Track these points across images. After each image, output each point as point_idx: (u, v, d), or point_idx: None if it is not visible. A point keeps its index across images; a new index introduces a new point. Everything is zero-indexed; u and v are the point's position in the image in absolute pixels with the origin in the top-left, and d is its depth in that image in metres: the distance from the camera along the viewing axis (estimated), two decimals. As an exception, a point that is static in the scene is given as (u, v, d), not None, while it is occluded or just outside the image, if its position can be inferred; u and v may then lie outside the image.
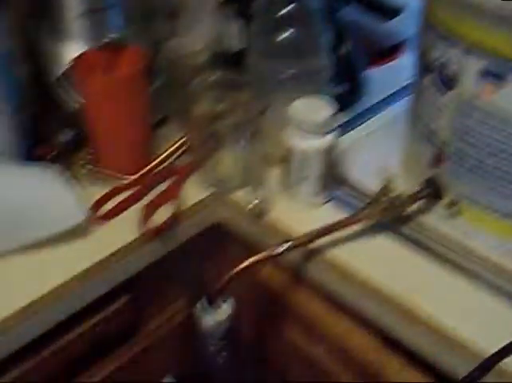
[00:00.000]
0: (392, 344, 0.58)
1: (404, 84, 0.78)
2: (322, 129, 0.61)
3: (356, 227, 0.60)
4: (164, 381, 0.67)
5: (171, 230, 0.63)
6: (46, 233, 0.57)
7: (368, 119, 0.77)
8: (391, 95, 0.81)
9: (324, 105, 0.61)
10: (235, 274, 0.57)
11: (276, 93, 0.65)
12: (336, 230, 0.59)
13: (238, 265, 0.56)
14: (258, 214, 0.63)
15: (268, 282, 0.66)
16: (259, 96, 0.65)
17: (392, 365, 0.58)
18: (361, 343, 0.60)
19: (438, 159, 0.60)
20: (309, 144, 0.61)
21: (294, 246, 0.57)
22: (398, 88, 0.81)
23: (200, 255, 0.69)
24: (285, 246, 0.57)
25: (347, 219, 0.60)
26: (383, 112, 0.78)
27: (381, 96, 0.81)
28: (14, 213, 0.57)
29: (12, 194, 0.58)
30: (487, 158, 0.54)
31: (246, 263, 0.57)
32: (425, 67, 0.59)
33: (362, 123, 0.76)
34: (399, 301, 0.54)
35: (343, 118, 0.73)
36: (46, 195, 0.59)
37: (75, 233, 0.59)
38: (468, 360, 0.49)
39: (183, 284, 0.63)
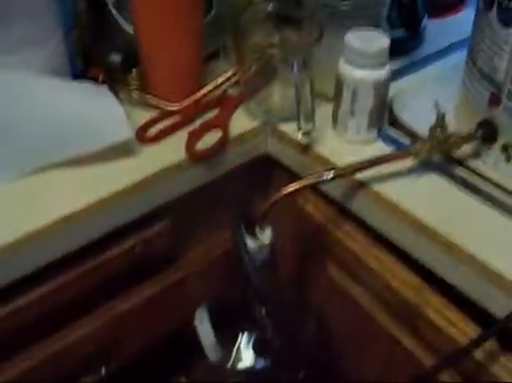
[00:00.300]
0: (434, 283, 0.56)
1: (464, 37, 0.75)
2: (376, 61, 0.59)
3: (404, 164, 0.59)
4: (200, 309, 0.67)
5: (217, 157, 0.62)
6: (94, 146, 0.58)
7: (425, 67, 0.75)
8: (449, 46, 0.79)
9: (379, 37, 0.60)
10: (279, 198, 0.56)
11: (330, 26, 0.64)
12: (384, 162, 0.58)
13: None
14: (306, 146, 0.62)
15: (311, 216, 0.65)
16: (312, 28, 0.64)
17: (433, 305, 0.56)
18: (402, 282, 0.58)
19: (494, 101, 0.58)
20: (361, 76, 0.60)
21: (339, 175, 0.57)
22: (457, 40, 0.79)
23: (246, 185, 0.69)
24: (331, 173, 0.56)
25: (395, 153, 0.59)
26: (440, 62, 0.76)
27: (440, 47, 0.79)
28: (64, 125, 0.58)
29: (62, 106, 0.58)
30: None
31: (290, 188, 0.56)
32: (489, 2, 0.56)
33: (418, 70, 0.75)
34: (444, 238, 0.52)
35: (399, 63, 0.73)
36: (96, 109, 0.59)
37: (121, 151, 0.59)
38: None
39: (227, 213, 0.62)
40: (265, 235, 0.57)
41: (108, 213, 0.57)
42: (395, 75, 0.65)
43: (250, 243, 0.57)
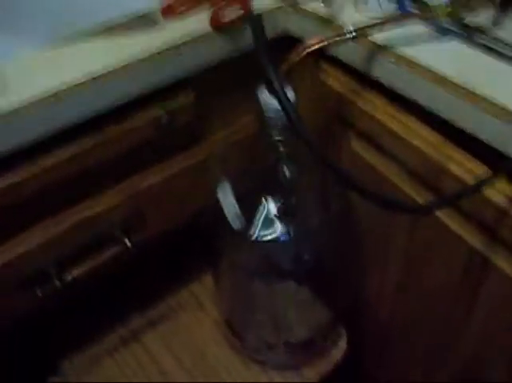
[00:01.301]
0: (455, 139, 0.57)
1: None
2: None
3: (424, 29, 0.59)
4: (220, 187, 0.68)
5: (240, 31, 0.63)
6: (119, 15, 0.59)
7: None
8: None
9: None
10: (302, 56, 0.57)
11: None
12: (404, 19, 0.58)
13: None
14: (327, 19, 0.63)
15: (332, 88, 0.66)
16: None
17: (455, 159, 0.57)
18: (424, 140, 0.59)
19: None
20: None
21: (362, 34, 0.57)
22: None
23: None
24: (352, 32, 0.57)
25: (416, 13, 0.59)
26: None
27: None
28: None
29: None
30: None
31: (312, 47, 0.57)
32: None
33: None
34: (465, 89, 0.53)
35: None
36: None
37: (146, 21, 0.60)
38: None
39: (250, 95, 0.63)
40: (288, 95, 0.58)
41: (134, 77, 0.58)
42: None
43: (273, 105, 0.58)
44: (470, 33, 0.59)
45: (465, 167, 0.56)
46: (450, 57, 0.57)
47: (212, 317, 0.84)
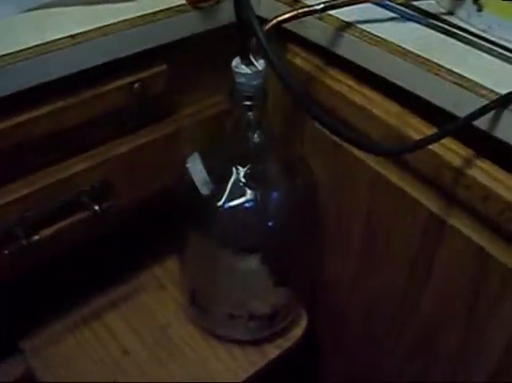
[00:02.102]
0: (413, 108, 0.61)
1: None
2: None
3: (386, 13, 0.64)
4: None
5: (215, 7, 0.66)
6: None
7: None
8: None
9: None
10: (273, 25, 0.60)
11: None
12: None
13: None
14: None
15: (300, 68, 0.70)
16: None
17: (413, 126, 0.61)
18: (386, 111, 0.63)
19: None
20: None
21: (330, 6, 0.61)
22: None
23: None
24: (321, 4, 0.61)
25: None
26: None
27: None
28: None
29: None
30: None
31: (283, 16, 0.61)
32: None
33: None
34: (426, 59, 0.57)
35: None
36: None
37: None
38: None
39: (222, 75, 0.66)
40: (260, 63, 0.61)
41: (110, 41, 0.61)
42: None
43: (245, 69, 0.61)
44: (430, 22, 0.64)
45: (423, 133, 0.60)
46: (408, 33, 0.62)
47: (175, 298, 0.85)
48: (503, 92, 0.52)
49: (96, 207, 0.67)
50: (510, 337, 0.61)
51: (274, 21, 0.60)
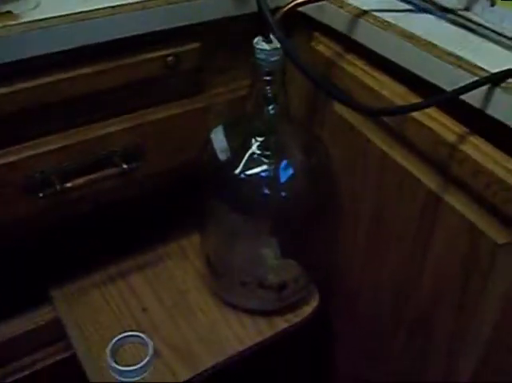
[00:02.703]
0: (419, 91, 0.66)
1: None
2: None
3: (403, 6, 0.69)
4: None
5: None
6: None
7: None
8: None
9: None
10: (292, 6, 0.67)
11: None
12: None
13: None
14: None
15: (322, 54, 0.76)
16: None
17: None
18: (392, 91, 0.68)
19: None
20: None
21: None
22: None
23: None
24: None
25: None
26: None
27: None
28: None
29: None
30: None
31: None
32: None
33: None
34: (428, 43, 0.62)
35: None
36: None
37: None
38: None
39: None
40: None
41: (147, 15, 0.68)
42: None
43: (265, 45, 0.67)
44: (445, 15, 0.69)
45: (428, 115, 0.64)
46: (420, 23, 0.66)
47: (195, 268, 0.91)
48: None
49: (125, 166, 0.74)
50: (500, 313, 0.63)
51: (292, 4, 0.66)
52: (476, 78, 0.57)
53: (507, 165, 0.57)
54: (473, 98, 0.57)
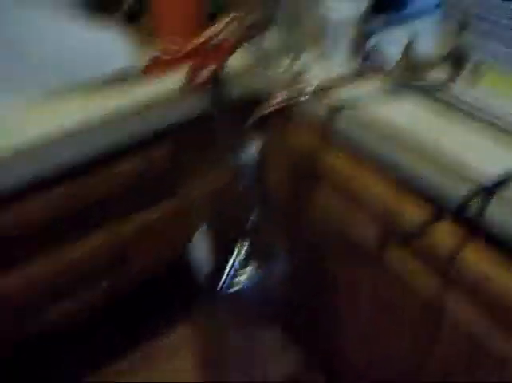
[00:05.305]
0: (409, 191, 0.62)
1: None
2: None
3: (381, 86, 0.65)
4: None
5: (213, 90, 0.69)
6: (99, 72, 0.66)
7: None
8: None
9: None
10: (263, 115, 0.63)
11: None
12: (360, 76, 0.64)
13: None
14: (296, 79, 0.69)
15: (299, 146, 0.72)
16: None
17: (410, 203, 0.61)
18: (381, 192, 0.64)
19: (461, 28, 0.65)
20: (342, 11, 0.67)
21: (320, 89, 0.63)
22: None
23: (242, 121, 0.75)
24: (312, 88, 0.63)
25: (373, 67, 0.65)
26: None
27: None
28: (73, 55, 0.66)
29: (72, 40, 0.67)
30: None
31: (271, 108, 0.63)
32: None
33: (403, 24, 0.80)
34: (420, 144, 0.58)
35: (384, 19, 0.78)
36: (102, 42, 0.67)
37: (126, 79, 0.68)
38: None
39: (222, 149, 0.68)
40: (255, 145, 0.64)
41: (114, 128, 0.65)
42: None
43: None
44: (427, 94, 0.65)
45: (418, 212, 0.61)
46: (408, 114, 0.63)
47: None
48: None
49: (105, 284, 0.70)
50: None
51: (259, 114, 0.63)
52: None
53: None
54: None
